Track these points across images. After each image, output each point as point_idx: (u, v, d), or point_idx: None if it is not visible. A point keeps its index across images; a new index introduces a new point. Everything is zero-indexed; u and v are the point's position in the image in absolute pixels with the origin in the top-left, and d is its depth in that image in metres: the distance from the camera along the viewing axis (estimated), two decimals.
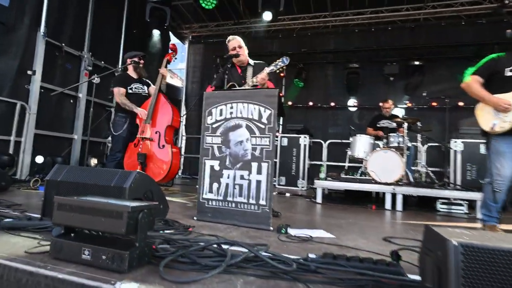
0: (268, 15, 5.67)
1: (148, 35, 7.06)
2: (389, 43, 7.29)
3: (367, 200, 4.67)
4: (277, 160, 6.28)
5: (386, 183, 4.13)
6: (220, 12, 7.53)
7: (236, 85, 3.03)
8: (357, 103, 7.48)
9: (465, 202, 3.88)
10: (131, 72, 4.27)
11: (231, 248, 1.58)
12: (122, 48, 6.54)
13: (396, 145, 4.63)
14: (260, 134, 2.43)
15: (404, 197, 3.92)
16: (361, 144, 5.00)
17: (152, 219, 1.38)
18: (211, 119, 2.61)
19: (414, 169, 4.95)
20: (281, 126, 7.44)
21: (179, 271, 1.33)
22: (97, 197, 1.50)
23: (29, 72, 4.69)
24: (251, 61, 3.21)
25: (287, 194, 5.05)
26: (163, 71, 4.28)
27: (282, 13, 5.75)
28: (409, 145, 4.75)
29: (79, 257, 1.32)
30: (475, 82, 2.53)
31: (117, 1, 6.49)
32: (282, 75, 7.79)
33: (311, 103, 7.77)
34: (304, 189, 6.08)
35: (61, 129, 5.37)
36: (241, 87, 2.99)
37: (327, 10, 7.26)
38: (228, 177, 2.48)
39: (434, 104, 6.54)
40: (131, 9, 6.73)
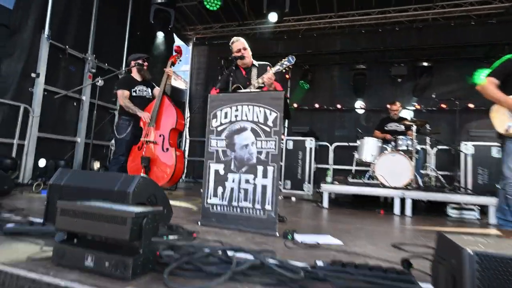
0: (274, 16, 5.65)
1: (152, 37, 7.10)
2: (396, 43, 7.26)
3: (375, 204, 4.62)
4: (283, 164, 6.27)
5: (394, 187, 4.09)
6: (224, 13, 7.56)
7: (241, 87, 3.02)
8: (364, 105, 7.45)
9: (476, 207, 3.82)
10: (135, 74, 4.29)
11: (236, 255, 1.57)
12: (126, 50, 6.59)
13: (405, 148, 4.59)
14: (266, 137, 2.42)
15: (413, 201, 3.88)
16: (369, 147, 4.96)
17: (156, 225, 1.37)
18: (216, 122, 2.60)
19: (423, 172, 4.90)
20: (286, 128, 7.41)
21: (183, 278, 1.32)
22: (100, 202, 1.50)
23: (33, 74, 4.73)
24: (255, 62, 3.22)
25: (293, 198, 5.02)
26: (169, 70, 4.29)
27: (287, 14, 5.73)
28: (418, 148, 4.71)
29: (82, 264, 1.31)
30: (490, 84, 2.51)
31: (121, 3, 6.55)
32: (287, 76, 7.79)
33: (317, 105, 7.74)
34: (310, 193, 6.05)
35: (64, 132, 5.41)
36: (246, 89, 2.99)
37: (333, 10, 7.25)
38: (233, 181, 2.47)
39: (443, 106, 6.47)
40: (135, 11, 6.79)
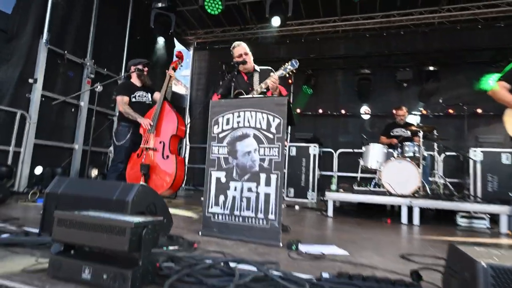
0: (277, 21, 5.67)
1: (152, 42, 7.15)
2: (401, 47, 7.28)
3: (381, 213, 4.59)
4: (286, 171, 6.24)
5: (401, 195, 4.05)
6: (225, 17, 7.61)
7: (243, 92, 3.03)
8: (369, 111, 7.44)
9: (487, 216, 3.78)
10: (134, 80, 4.30)
11: (239, 266, 1.55)
12: (125, 55, 6.62)
13: (412, 154, 4.57)
14: (269, 144, 2.41)
15: (421, 210, 3.84)
16: (374, 153, 4.94)
17: (156, 236, 1.36)
18: (218, 128, 2.60)
19: (431, 180, 4.86)
20: (289, 135, 7.41)
21: None
22: (98, 212, 1.48)
23: (30, 80, 4.76)
24: (257, 67, 3.23)
25: (296, 207, 4.99)
26: (171, 72, 4.30)
27: (290, 18, 5.77)
28: (425, 154, 4.68)
29: (78, 277, 1.30)
30: (502, 88, 2.51)
31: (121, 8, 6.61)
32: (290, 81, 7.80)
33: (320, 111, 7.75)
34: (314, 201, 6.01)
35: (62, 138, 5.41)
36: (248, 94, 2.99)
37: (336, 14, 7.29)
38: (235, 190, 2.45)
39: (450, 111, 6.46)
40: (135, 15, 6.85)
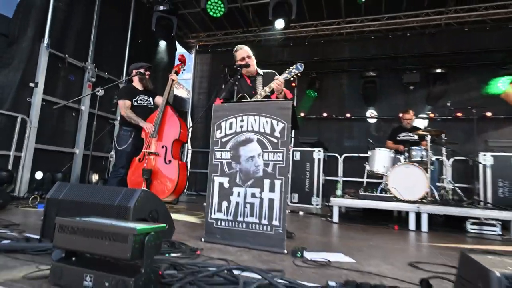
0: (281, 23, 5.69)
1: (154, 45, 7.21)
2: (408, 50, 7.28)
3: (388, 219, 4.55)
4: (290, 176, 6.22)
5: (409, 201, 4.03)
6: (228, 20, 7.65)
7: (247, 96, 3.04)
8: (375, 114, 7.42)
9: (498, 223, 3.74)
10: (136, 83, 4.33)
11: (242, 274, 1.55)
12: (126, 58, 6.67)
13: (419, 159, 4.55)
14: (273, 149, 2.42)
15: (429, 216, 3.82)
16: (381, 158, 4.93)
17: (159, 243, 1.36)
18: (220, 133, 2.61)
19: (439, 185, 4.84)
20: (293, 139, 7.39)
21: None
22: (100, 218, 1.49)
23: (31, 84, 4.80)
24: (260, 70, 3.24)
25: (301, 213, 4.98)
26: (173, 76, 4.34)
27: (293, 20, 5.79)
28: (433, 159, 4.66)
29: (80, 284, 1.30)
30: None
31: (122, 11, 6.67)
32: (293, 84, 7.81)
33: (325, 114, 7.74)
34: (318, 207, 6.00)
35: (62, 143, 5.44)
36: (251, 98, 3.00)
37: (341, 16, 7.32)
38: (239, 195, 2.45)
39: (459, 114, 6.42)
40: (136, 18, 6.91)
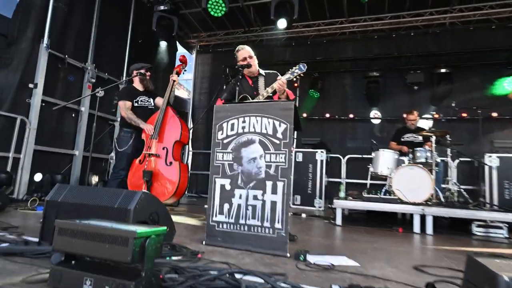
0: (283, 23, 5.69)
1: (154, 45, 7.22)
2: (412, 49, 7.27)
3: (392, 222, 4.54)
4: (292, 177, 6.21)
5: (413, 203, 4.02)
6: (229, 20, 7.66)
7: (248, 97, 3.03)
8: (378, 115, 7.40)
9: (504, 225, 3.72)
10: (137, 84, 4.34)
11: (245, 278, 1.55)
12: (127, 59, 6.69)
13: (424, 160, 4.54)
14: (275, 150, 2.41)
15: (434, 218, 3.80)
16: (385, 159, 4.91)
17: (159, 246, 1.35)
18: (222, 134, 2.60)
19: (444, 187, 4.82)
20: (295, 140, 7.40)
21: None
22: (100, 221, 1.49)
23: (31, 85, 4.81)
24: (262, 71, 3.23)
25: (303, 215, 4.97)
26: (174, 77, 4.35)
27: (295, 19, 5.79)
28: (438, 160, 4.64)
29: None
30: None
31: (122, 11, 6.69)
32: (296, 85, 7.81)
33: (327, 115, 7.73)
34: (321, 209, 5.98)
35: (62, 144, 5.45)
36: (253, 99, 3.00)
37: (343, 16, 7.31)
38: (240, 197, 2.45)
39: (464, 115, 6.40)
40: (136, 18, 6.93)
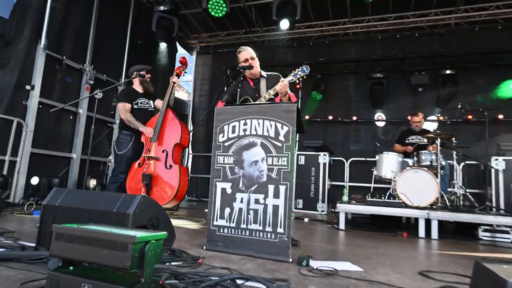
0: (286, 24, 5.71)
1: (154, 46, 7.24)
2: (416, 50, 7.28)
3: (396, 226, 4.53)
4: (294, 181, 6.21)
5: (418, 207, 4.01)
6: (230, 20, 7.69)
7: (250, 99, 3.04)
8: (382, 117, 7.39)
9: (511, 230, 3.71)
10: (136, 86, 4.35)
11: (246, 284, 1.55)
12: (126, 60, 6.71)
13: (429, 163, 4.53)
14: (277, 153, 2.41)
15: (440, 223, 3.80)
16: (389, 162, 4.91)
17: (159, 251, 1.35)
18: (223, 137, 2.60)
19: (450, 190, 4.81)
20: (297, 142, 7.39)
21: None
22: (98, 226, 1.49)
23: (28, 87, 4.82)
24: (263, 73, 3.24)
25: (306, 219, 4.96)
26: (174, 79, 4.36)
27: (297, 20, 5.81)
28: (443, 163, 4.63)
29: None
30: None
31: (122, 11, 6.71)
32: (298, 86, 7.82)
33: (330, 117, 7.73)
34: (324, 213, 5.97)
35: (59, 147, 5.45)
36: (255, 101, 3.00)
37: (346, 16, 7.33)
38: (242, 201, 2.45)
39: (470, 117, 6.40)
40: (136, 19, 6.96)
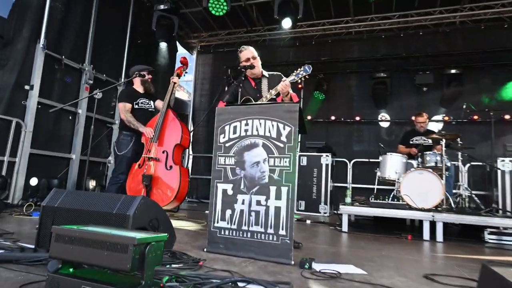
0: (288, 23, 5.71)
1: (154, 46, 7.26)
2: (420, 49, 7.27)
3: (400, 228, 4.52)
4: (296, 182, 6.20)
5: (423, 209, 4.00)
6: (231, 19, 7.71)
7: (252, 99, 3.04)
8: (386, 117, 7.38)
9: None
10: (137, 86, 4.37)
11: (248, 287, 1.55)
12: (125, 60, 6.72)
13: (433, 164, 4.53)
14: (279, 154, 2.41)
15: (445, 225, 3.79)
16: (392, 163, 4.91)
17: (160, 253, 1.36)
18: (224, 137, 2.61)
19: (455, 192, 4.80)
20: (299, 143, 7.39)
21: None
22: (98, 227, 1.49)
23: (27, 87, 4.84)
24: (265, 72, 3.24)
25: (308, 221, 4.96)
26: (175, 79, 4.38)
27: (299, 19, 5.81)
28: (448, 164, 4.62)
29: None
30: None
31: (121, 11, 6.73)
32: (300, 86, 7.82)
33: (333, 118, 7.73)
34: (326, 215, 5.97)
35: (58, 148, 5.46)
36: (256, 101, 3.01)
37: (349, 15, 7.33)
38: (243, 203, 2.45)
39: (475, 117, 6.39)
40: (136, 18, 6.97)
